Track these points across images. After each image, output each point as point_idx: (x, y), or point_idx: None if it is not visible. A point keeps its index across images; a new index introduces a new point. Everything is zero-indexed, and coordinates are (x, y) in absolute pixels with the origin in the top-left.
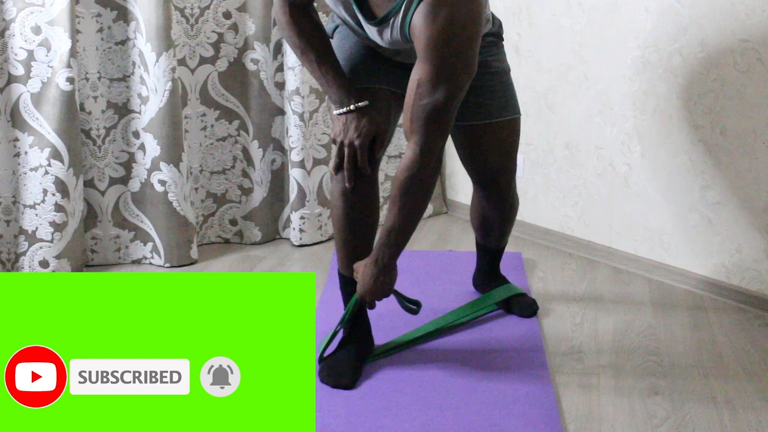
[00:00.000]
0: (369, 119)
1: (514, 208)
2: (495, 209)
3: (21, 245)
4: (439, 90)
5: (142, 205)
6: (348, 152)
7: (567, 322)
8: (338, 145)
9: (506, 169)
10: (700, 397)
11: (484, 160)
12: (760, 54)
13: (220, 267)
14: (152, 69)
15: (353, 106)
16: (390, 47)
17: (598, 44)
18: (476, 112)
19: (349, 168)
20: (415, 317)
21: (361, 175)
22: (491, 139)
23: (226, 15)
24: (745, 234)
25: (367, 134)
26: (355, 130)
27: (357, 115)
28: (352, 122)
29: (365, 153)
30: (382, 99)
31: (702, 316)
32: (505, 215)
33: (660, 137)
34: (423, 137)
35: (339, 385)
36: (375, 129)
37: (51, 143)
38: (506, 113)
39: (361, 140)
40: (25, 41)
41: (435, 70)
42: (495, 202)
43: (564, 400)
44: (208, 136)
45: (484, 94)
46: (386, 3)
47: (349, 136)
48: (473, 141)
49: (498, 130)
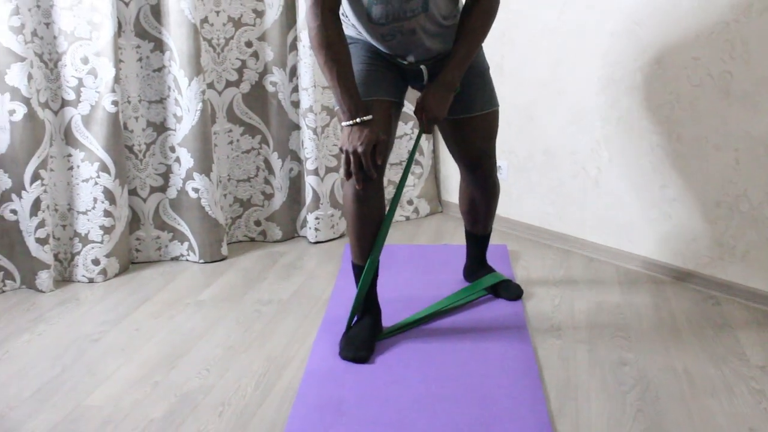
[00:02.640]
0: (370, 129)
1: (496, 191)
2: (480, 191)
3: (75, 246)
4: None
5: (178, 209)
6: (353, 159)
7: (547, 304)
8: (344, 153)
9: (488, 153)
10: (662, 366)
11: (470, 146)
12: (709, 70)
13: (247, 262)
14: (185, 92)
15: (358, 120)
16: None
17: (570, 64)
18: (463, 107)
19: (357, 172)
20: (416, 302)
21: (368, 179)
22: (476, 129)
23: (247, 44)
24: (698, 226)
25: (369, 143)
26: (357, 140)
27: (360, 126)
28: (355, 133)
29: (368, 159)
30: (383, 111)
31: (663, 297)
32: (489, 197)
33: (624, 144)
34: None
35: (357, 358)
36: (375, 138)
37: (99, 158)
38: (488, 107)
39: (363, 148)
40: (75, 70)
41: None
42: (480, 184)
43: (545, 371)
44: (234, 149)
45: (470, 91)
46: None
47: (352, 145)
48: (461, 132)
49: (481, 121)
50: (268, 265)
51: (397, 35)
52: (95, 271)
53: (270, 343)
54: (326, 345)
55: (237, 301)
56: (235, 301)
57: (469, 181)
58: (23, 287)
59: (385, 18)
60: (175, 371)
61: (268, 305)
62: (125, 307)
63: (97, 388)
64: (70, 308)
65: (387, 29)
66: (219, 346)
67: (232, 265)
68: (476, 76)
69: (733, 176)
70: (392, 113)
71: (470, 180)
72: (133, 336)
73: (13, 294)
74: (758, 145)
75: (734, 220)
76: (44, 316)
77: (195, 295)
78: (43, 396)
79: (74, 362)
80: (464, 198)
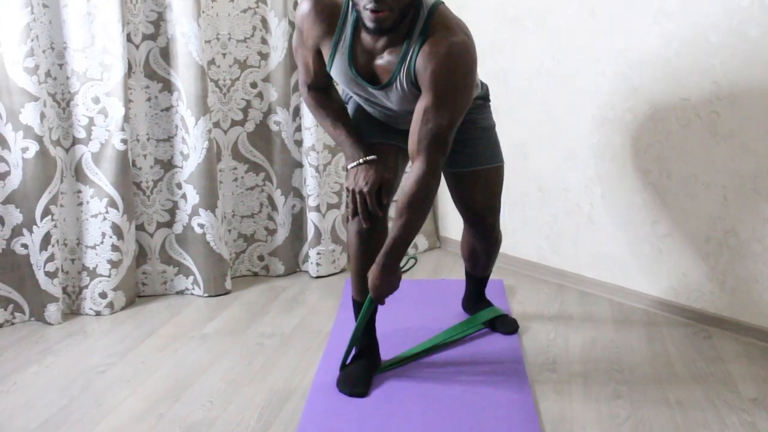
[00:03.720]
0: (375, 170)
1: (498, 242)
2: (481, 243)
3: (84, 279)
4: (442, 115)
5: (184, 244)
6: (359, 199)
7: (542, 338)
8: (350, 193)
9: (491, 209)
10: (656, 399)
11: (473, 201)
12: (698, 110)
13: (250, 296)
14: (192, 131)
15: (362, 160)
16: (397, 107)
17: (563, 103)
18: (466, 161)
19: (363, 211)
20: (414, 336)
21: (374, 218)
22: (478, 184)
23: (252, 85)
24: (690, 261)
25: (374, 183)
26: (363, 180)
27: (365, 167)
28: (361, 173)
29: (374, 198)
30: (389, 153)
31: (655, 330)
32: (490, 248)
33: (617, 181)
34: (428, 156)
35: (354, 394)
36: (380, 178)
37: (108, 194)
38: (491, 162)
39: (369, 188)
40: (86, 110)
41: (438, 98)
42: (481, 237)
43: (541, 404)
44: (239, 186)
45: (473, 146)
46: (389, 69)
47: (359, 185)
48: (463, 185)
49: (484, 175)
50: (271, 299)
51: (384, 118)
52: (102, 304)
53: (272, 376)
54: (327, 378)
55: (240, 334)
56: (238, 334)
57: (470, 233)
58: (32, 319)
59: (369, 108)
60: (179, 404)
61: (271, 338)
62: (131, 340)
63: (104, 419)
64: (78, 341)
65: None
66: (222, 379)
67: (235, 298)
68: (481, 131)
69: (721, 213)
70: (397, 154)
71: (472, 232)
72: (138, 368)
73: (23, 326)
74: (745, 182)
75: (723, 256)
76: (52, 348)
77: (199, 328)
78: (50, 427)
79: (81, 394)
80: (465, 245)
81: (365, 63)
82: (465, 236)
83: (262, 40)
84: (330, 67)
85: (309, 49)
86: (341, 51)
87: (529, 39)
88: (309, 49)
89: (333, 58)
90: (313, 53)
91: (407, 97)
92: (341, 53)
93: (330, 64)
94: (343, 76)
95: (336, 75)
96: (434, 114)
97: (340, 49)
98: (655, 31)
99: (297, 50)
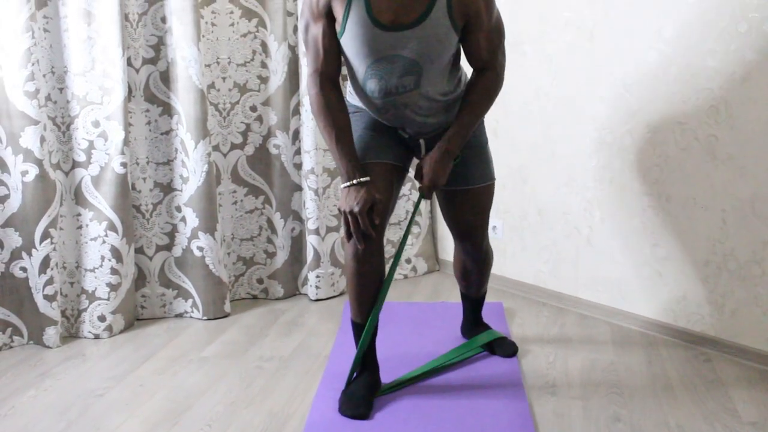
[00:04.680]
0: (366, 190)
1: (488, 257)
2: (471, 259)
3: (83, 303)
4: (499, 32)
5: (183, 267)
6: (351, 219)
7: (542, 361)
8: (342, 213)
9: (479, 226)
10: (656, 422)
11: (462, 218)
12: (696, 134)
13: (249, 319)
14: (191, 154)
15: (355, 181)
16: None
17: (562, 127)
18: (459, 181)
19: (356, 231)
20: (413, 359)
21: (368, 238)
22: (469, 202)
23: (252, 108)
24: (689, 284)
25: (365, 203)
26: (354, 200)
27: (357, 187)
28: (352, 193)
29: (365, 218)
30: (382, 173)
31: (655, 353)
32: (481, 265)
33: (616, 204)
34: (498, 60)
35: (356, 415)
36: (372, 199)
37: (108, 217)
38: (482, 181)
39: (360, 208)
40: (86, 133)
41: (493, 23)
42: (472, 254)
43: (541, 427)
44: (238, 209)
45: (465, 165)
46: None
47: (349, 205)
48: (454, 203)
49: (475, 194)
50: (270, 322)
51: (391, 109)
52: (101, 327)
53: (271, 399)
54: (326, 401)
55: (239, 357)
56: (237, 357)
57: (460, 249)
58: (31, 343)
59: (379, 92)
60: (177, 427)
61: (270, 361)
62: (130, 363)
63: None
64: (76, 364)
65: (381, 103)
66: (221, 402)
67: (234, 321)
68: (474, 149)
69: (720, 236)
70: (392, 176)
71: (461, 249)
72: (137, 392)
73: (21, 350)
74: (744, 205)
75: (722, 279)
76: (50, 372)
77: (198, 351)
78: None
79: (79, 417)
80: (457, 264)
81: (384, 7)
82: (456, 255)
83: (261, 64)
84: (343, 29)
85: (320, 16)
86: (357, 1)
87: (528, 64)
88: (320, 16)
89: (348, 11)
90: (324, 23)
91: (437, 34)
92: (357, 1)
93: (344, 21)
94: (361, 29)
95: (351, 35)
96: (496, 34)
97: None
98: (653, 55)
99: (306, 31)
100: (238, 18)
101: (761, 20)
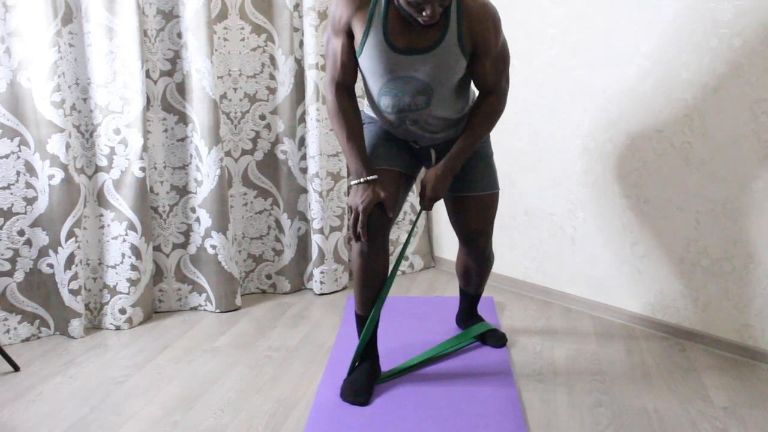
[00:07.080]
0: (373, 189)
1: (489, 262)
2: (474, 262)
3: (105, 297)
4: (504, 59)
5: (197, 264)
6: (355, 215)
7: (530, 351)
8: (350, 209)
9: (484, 232)
10: (635, 407)
11: (468, 223)
12: (672, 141)
13: (259, 312)
14: (205, 159)
15: (363, 179)
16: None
17: (548, 135)
18: (466, 187)
19: (362, 227)
20: (411, 349)
21: (374, 237)
22: (474, 208)
23: (261, 117)
24: (665, 279)
25: (371, 201)
26: (360, 197)
27: (365, 185)
28: (359, 191)
29: (365, 217)
30: (392, 178)
31: (634, 344)
32: (482, 267)
33: (598, 206)
34: (501, 86)
35: (356, 402)
36: (378, 197)
37: (128, 218)
38: (488, 189)
39: (365, 205)
40: (108, 140)
41: (499, 49)
42: (474, 257)
43: (529, 412)
44: (248, 210)
45: (472, 173)
46: (431, 34)
47: (356, 202)
48: (460, 208)
49: (480, 201)
50: (278, 314)
51: (403, 124)
52: (122, 319)
53: (279, 386)
54: (330, 388)
55: (249, 347)
56: (247, 347)
57: (464, 251)
58: (57, 334)
59: (392, 108)
60: (192, 412)
61: (278, 351)
62: (148, 353)
63: (122, 427)
64: (99, 353)
65: (394, 118)
66: (233, 389)
67: (245, 314)
68: (480, 159)
69: (694, 235)
70: (399, 180)
71: (465, 251)
72: (155, 379)
73: (48, 340)
74: (716, 206)
75: (696, 274)
76: (75, 361)
77: (211, 342)
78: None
79: (101, 403)
80: (460, 263)
81: (400, 33)
82: (460, 255)
83: (270, 76)
84: (361, 50)
85: (340, 32)
86: (375, 24)
87: (516, 77)
88: (340, 32)
89: (366, 35)
90: (344, 39)
91: (448, 60)
92: (375, 27)
93: (363, 43)
94: (377, 51)
95: (368, 55)
96: (501, 60)
97: (375, 22)
98: (632, 69)
99: (328, 43)
100: (248, 33)
101: (731, 36)
